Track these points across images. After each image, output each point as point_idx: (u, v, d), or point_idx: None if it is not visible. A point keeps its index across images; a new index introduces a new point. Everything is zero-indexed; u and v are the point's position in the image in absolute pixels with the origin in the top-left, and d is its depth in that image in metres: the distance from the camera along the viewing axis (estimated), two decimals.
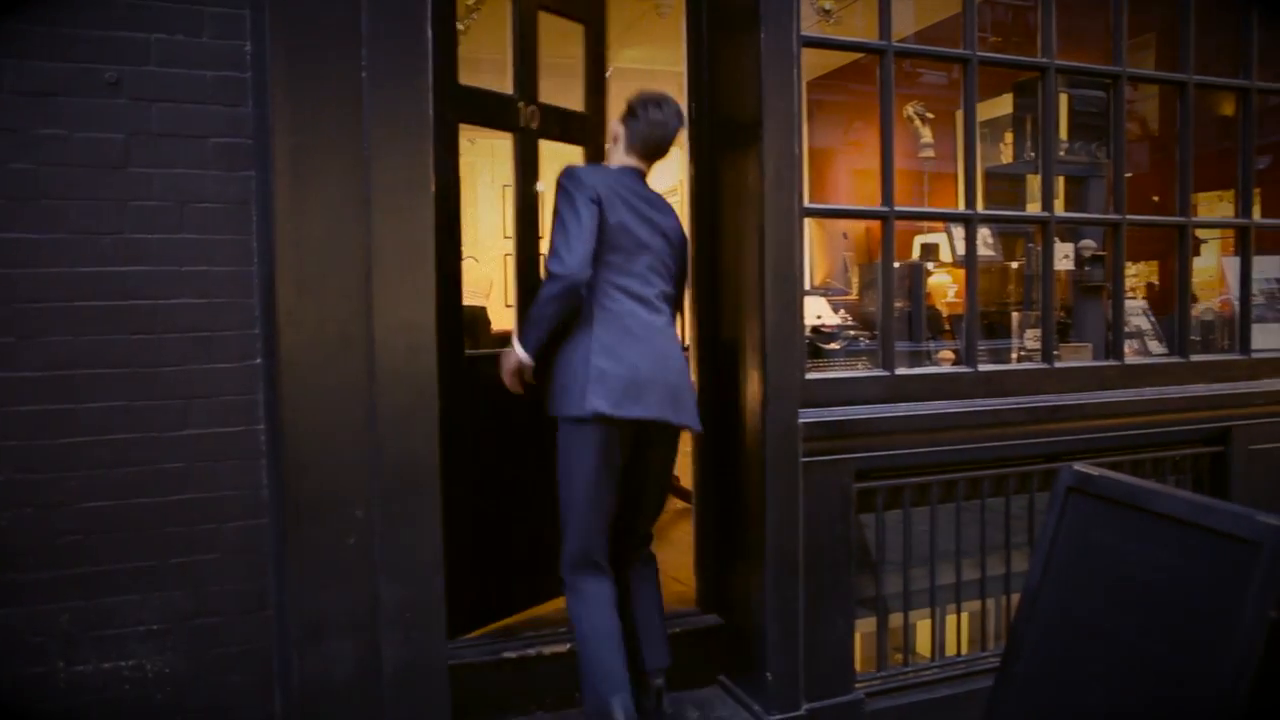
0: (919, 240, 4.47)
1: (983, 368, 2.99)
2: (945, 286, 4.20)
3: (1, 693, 2.22)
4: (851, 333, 3.52)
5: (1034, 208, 3.41)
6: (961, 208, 3.01)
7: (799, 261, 2.70)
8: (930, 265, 4.15)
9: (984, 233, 3.77)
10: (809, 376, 2.76)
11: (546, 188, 2.94)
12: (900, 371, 2.88)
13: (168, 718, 2.34)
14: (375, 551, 2.40)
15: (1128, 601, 1.79)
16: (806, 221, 2.79)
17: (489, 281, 9.03)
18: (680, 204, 2.83)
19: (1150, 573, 1.76)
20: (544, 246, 2.87)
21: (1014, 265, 3.88)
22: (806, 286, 3.27)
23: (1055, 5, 3.03)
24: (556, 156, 3.14)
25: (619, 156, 2.68)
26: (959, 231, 3.54)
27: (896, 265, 2.91)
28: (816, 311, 3.77)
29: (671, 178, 7.67)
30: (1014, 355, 3.36)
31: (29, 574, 2.23)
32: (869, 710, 2.77)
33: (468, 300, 3.27)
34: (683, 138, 3.09)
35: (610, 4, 5.37)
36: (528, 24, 3.09)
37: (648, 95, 2.65)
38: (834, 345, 3.21)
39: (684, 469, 3.33)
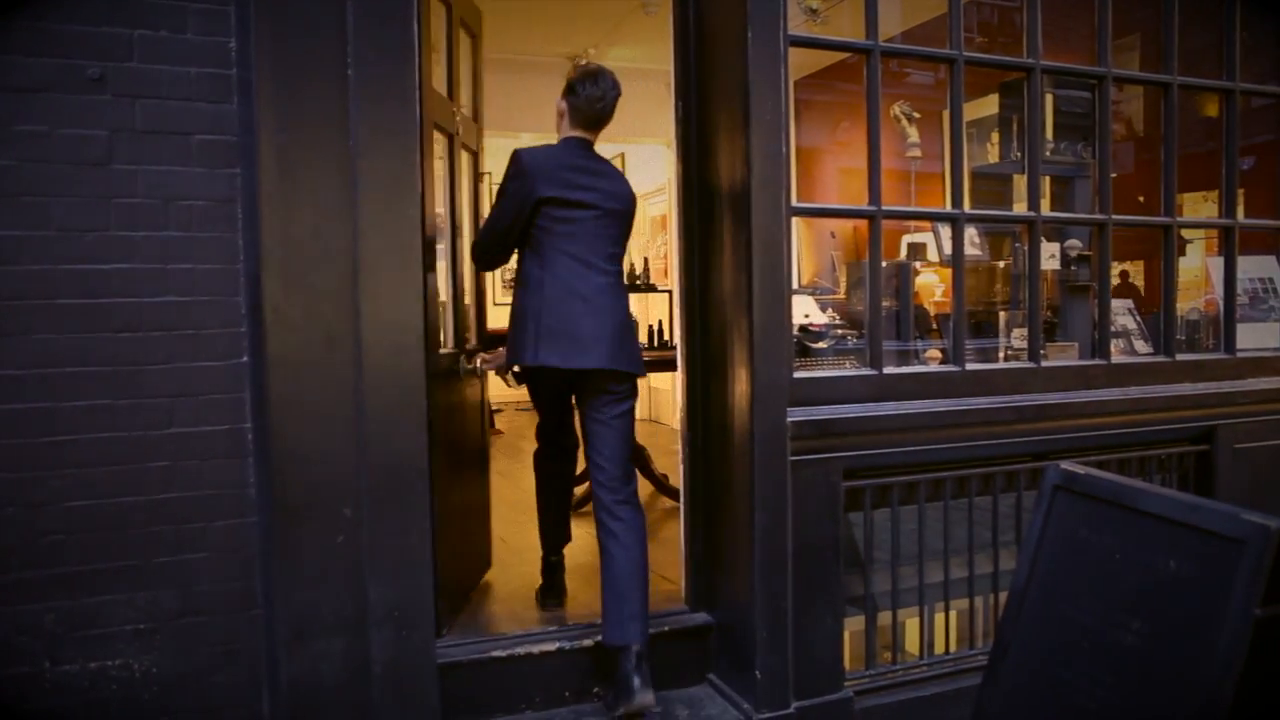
0: (906, 240, 4.48)
1: (970, 367, 3.00)
2: (933, 286, 4.21)
3: None
4: (839, 331, 3.52)
5: (1020, 207, 3.43)
6: (948, 207, 3.02)
7: (786, 260, 2.70)
8: (917, 264, 4.15)
9: (971, 232, 3.78)
10: (797, 375, 2.77)
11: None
12: (888, 370, 2.89)
13: (155, 718, 2.32)
14: (363, 550, 2.39)
15: (1114, 599, 1.79)
16: (794, 220, 2.79)
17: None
18: (668, 203, 2.85)
19: (1136, 571, 1.77)
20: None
21: (1001, 265, 3.90)
22: (794, 285, 3.27)
23: (1041, 6, 3.04)
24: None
25: (566, 129, 2.92)
26: (946, 231, 3.55)
27: (884, 264, 2.92)
28: (804, 310, 3.76)
29: (660, 176, 7.69)
30: (1001, 354, 3.37)
31: (12, 574, 2.21)
32: (858, 708, 2.78)
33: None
34: (670, 137, 3.10)
35: (597, 2, 5.40)
36: (453, 34, 3.14)
37: (584, 72, 2.89)
38: (822, 344, 3.21)
39: (673, 468, 3.34)
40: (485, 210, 3.27)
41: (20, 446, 2.21)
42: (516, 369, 2.99)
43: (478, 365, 3.21)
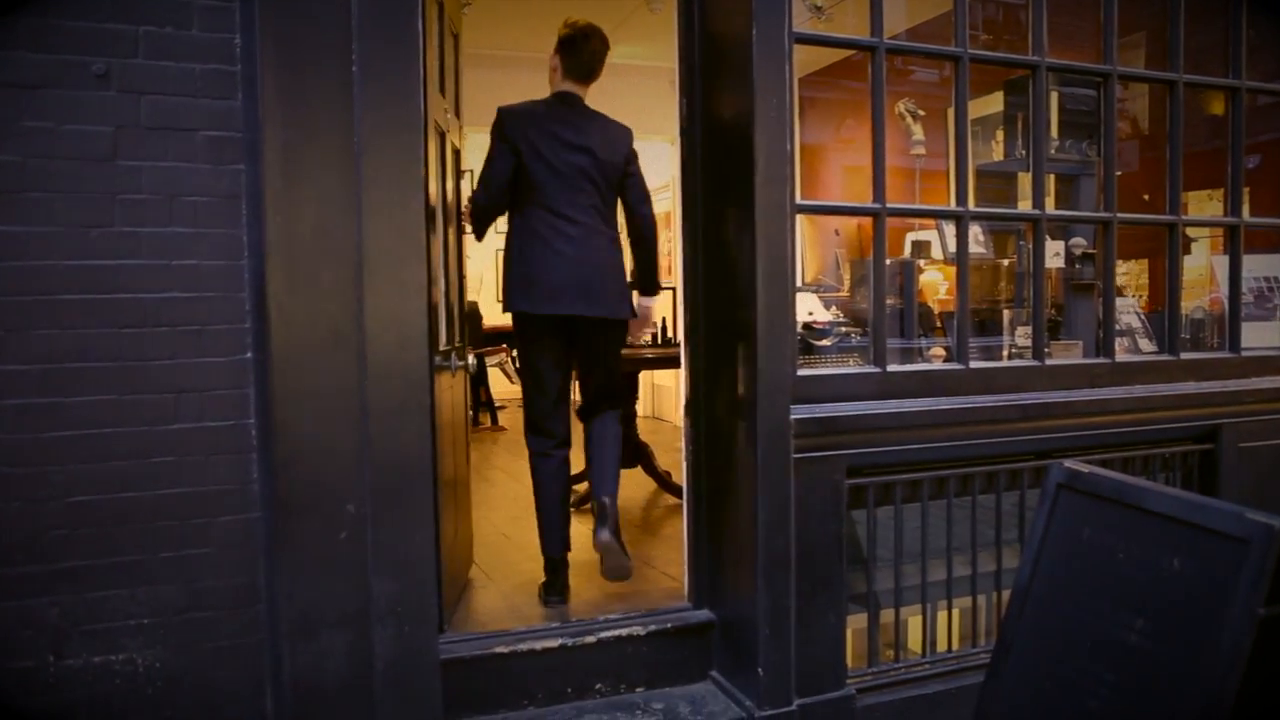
0: (910, 237, 4.46)
1: (974, 365, 3.00)
2: (937, 284, 4.20)
3: None
4: (843, 329, 3.51)
5: (1025, 205, 3.42)
6: (953, 205, 3.02)
7: (791, 258, 2.70)
8: (921, 262, 4.15)
9: (975, 230, 3.77)
10: (801, 372, 2.77)
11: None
12: (892, 368, 2.89)
13: (159, 712, 2.33)
14: (367, 546, 2.39)
15: (1117, 598, 1.79)
16: (798, 218, 2.79)
17: (479, 278, 9.02)
18: (672, 200, 2.87)
19: (1140, 570, 1.77)
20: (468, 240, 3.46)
21: (1005, 263, 3.89)
22: (798, 283, 3.27)
23: (1046, 3, 3.04)
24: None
25: (558, 83, 3.15)
26: (950, 229, 3.54)
27: (888, 262, 2.91)
28: (808, 308, 3.76)
29: (664, 173, 7.68)
30: (1005, 352, 3.37)
31: (17, 568, 2.21)
32: (860, 706, 2.78)
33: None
34: (674, 134, 3.10)
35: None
36: (444, 30, 3.15)
37: (574, 27, 3.08)
38: (825, 341, 3.21)
39: (675, 465, 3.34)
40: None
41: (24, 442, 2.21)
42: (518, 365, 3.04)
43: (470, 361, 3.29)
